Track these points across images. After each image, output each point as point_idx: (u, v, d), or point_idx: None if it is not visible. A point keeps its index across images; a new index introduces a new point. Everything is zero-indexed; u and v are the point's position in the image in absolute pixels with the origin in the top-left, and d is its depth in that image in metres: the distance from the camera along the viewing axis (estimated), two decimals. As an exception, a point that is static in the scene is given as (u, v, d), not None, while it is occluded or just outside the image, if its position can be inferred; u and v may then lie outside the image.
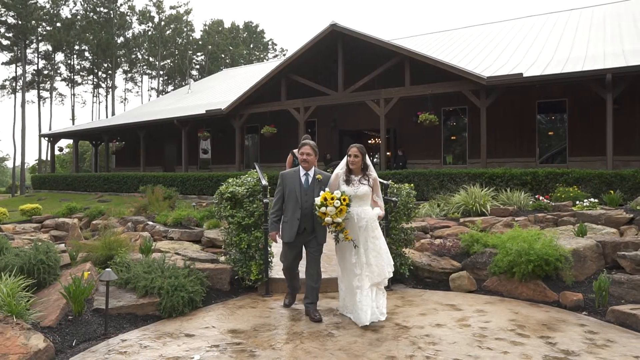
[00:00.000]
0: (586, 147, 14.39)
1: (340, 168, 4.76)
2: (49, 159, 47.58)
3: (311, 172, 4.81)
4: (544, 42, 17.50)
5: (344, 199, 4.36)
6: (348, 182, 4.65)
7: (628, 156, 13.58)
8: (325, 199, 4.36)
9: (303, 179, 4.80)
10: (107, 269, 4.35)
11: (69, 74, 54.61)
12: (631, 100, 13.57)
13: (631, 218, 8.01)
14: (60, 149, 28.42)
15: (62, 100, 57.03)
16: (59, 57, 53.59)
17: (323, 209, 4.36)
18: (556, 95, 14.84)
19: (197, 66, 61.47)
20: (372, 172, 4.75)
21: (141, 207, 12.30)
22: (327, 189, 4.51)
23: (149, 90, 62.10)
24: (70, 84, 54.87)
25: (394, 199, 5.74)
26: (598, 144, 13.80)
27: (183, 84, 55.61)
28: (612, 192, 10.52)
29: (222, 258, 6.67)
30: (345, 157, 4.77)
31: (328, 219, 4.35)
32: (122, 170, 25.87)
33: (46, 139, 27.88)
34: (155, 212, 11.52)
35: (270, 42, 66.89)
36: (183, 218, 10.22)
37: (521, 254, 5.28)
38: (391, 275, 4.65)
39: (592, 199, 9.71)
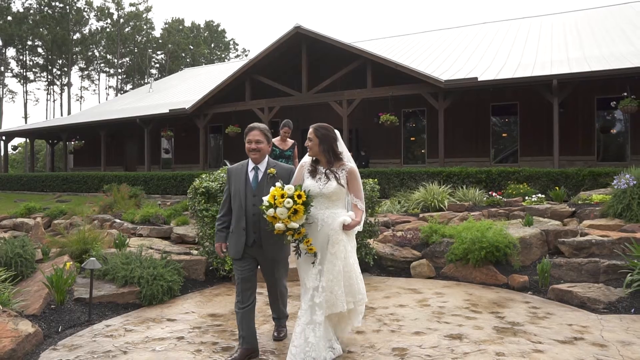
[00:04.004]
0: (536, 148, 15.35)
1: (308, 157, 3.65)
2: (-1, 158, 45.64)
3: (262, 166, 3.66)
4: (497, 48, 18.49)
5: (299, 195, 3.20)
6: (313, 174, 3.48)
7: (573, 156, 14.61)
8: (275, 198, 3.22)
9: (251, 175, 3.65)
10: (91, 258, 4.57)
11: (21, 70, 52.58)
12: (575, 104, 14.61)
13: (573, 211, 8.76)
14: (15, 148, 27.47)
15: (13, 97, 54.92)
16: (10, 52, 51.58)
17: (271, 211, 3.20)
18: (509, 99, 15.75)
19: (157, 65, 60.44)
20: (348, 162, 3.53)
21: (106, 206, 12.25)
22: (278, 184, 3.30)
23: (106, 88, 60.80)
24: (22, 81, 52.82)
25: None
26: (546, 144, 14.76)
27: (142, 82, 54.58)
28: (557, 188, 11.36)
29: (195, 252, 6.92)
30: None
31: (279, 224, 3.19)
32: (81, 169, 25.28)
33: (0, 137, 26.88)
34: (121, 210, 11.52)
35: (231, 42, 66.55)
36: (151, 216, 10.32)
37: (475, 242, 5.81)
38: (344, 308, 3.33)
39: (539, 195, 10.50)
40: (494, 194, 11.35)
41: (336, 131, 3.59)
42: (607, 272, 5.19)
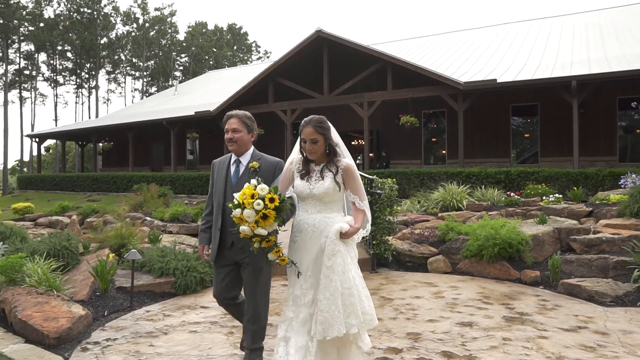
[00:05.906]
0: (556, 148, 15.39)
1: (296, 153, 3.12)
2: (30, 159, 47.33)
3: (244, 159, 3.28)
4: (517, 49, 18.54)
5: (272, 199, 2.72)
6: (305, 174, 2.99)
7: (594, 157, 14.63)
8: (245, 197, 2.75)
9: (232, 168, 3.28)
10: (132, 250, 5.01)
11: (51, 74, 54.34)
12: (596, 105, 14.61)
13: (590, 211, 8.90)
14: (47, 150, 28.57)
15: (44, 100, 56.66)
16: (42, 57, 53.38)
17: (238, 211, 2.75)
18: (528, 100, 15.82)
19: (181, 67, 61.67)
20: (344, 158, 3.02)
21: (137, 205, 12.83)
22: (253, 181, 2.79)
23: (132, 91, 62.19)
24: (52, 84, 54.60)
25: (378, 191, 6.51)
26: (567, 145, 14.79)
27: (166, 85, 55.82)
28: (576, 188, 11.46)
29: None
30: (299, 139, 3.05)
31: (244, 228, 2.74)
32: (110, 170, 26.18)
33: (33, 139, 28.01)
34: (151, 209, 12.08)
35: (254, 44, 67.43)
36: (179, 214, 10.83)
37: (489, 239, 6.09)
38: (342, 332, 2.72)
39: (557, 195, 10.63)
40: (512, 194, 11.52)
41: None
42: (616, 268, 5.41)
